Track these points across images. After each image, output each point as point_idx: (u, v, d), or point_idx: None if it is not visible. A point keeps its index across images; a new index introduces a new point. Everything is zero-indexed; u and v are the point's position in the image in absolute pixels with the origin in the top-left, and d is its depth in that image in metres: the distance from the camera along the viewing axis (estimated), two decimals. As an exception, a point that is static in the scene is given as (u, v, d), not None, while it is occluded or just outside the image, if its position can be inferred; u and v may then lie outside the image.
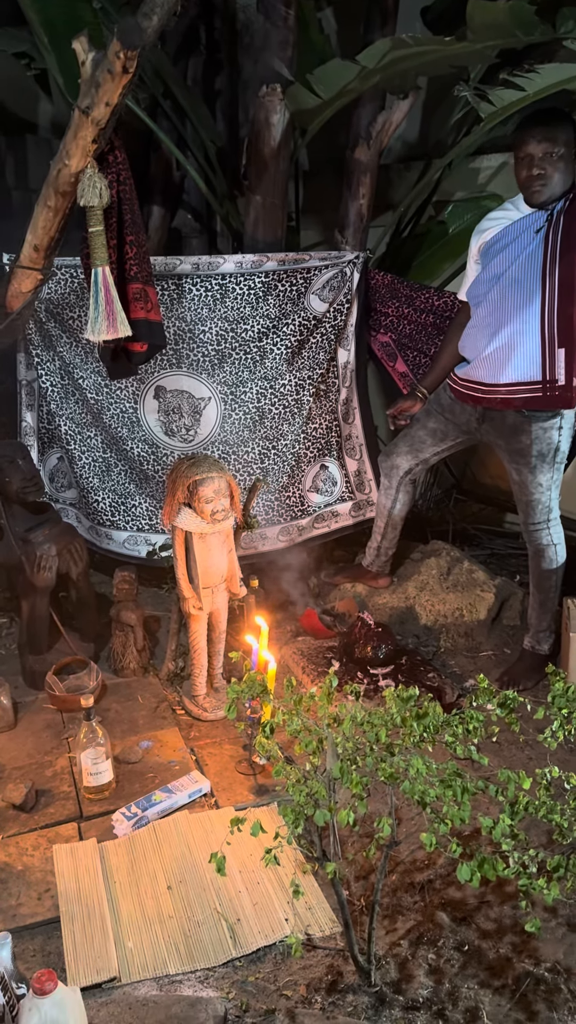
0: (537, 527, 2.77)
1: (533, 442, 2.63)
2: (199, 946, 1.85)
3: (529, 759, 2.44)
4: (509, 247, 2.53)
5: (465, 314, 2.79)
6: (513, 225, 2.54)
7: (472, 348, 2.68)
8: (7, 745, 2.58)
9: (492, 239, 2.59)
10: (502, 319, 2.55)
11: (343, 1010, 1.68)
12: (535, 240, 2.48)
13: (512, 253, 2.52)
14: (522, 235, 2.51)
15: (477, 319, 2.66)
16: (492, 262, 2.58)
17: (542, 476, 2.68)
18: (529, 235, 2.49)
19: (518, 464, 2.70)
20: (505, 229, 2.56)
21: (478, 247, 2.67)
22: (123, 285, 2.43)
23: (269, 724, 1.63)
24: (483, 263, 2.64)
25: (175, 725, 2.68)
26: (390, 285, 3.28)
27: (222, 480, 2.52)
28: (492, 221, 2.64)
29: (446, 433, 2.90)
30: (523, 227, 2.52)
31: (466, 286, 2.77)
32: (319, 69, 2.80)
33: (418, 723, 1.54)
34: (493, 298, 2.57)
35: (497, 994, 1.72)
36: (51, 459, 3.31)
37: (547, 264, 2.46)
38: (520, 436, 2.64)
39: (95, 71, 2.07)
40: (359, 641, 2.91)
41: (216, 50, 3.79)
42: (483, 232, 2.64)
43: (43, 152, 3.79)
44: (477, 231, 2.69)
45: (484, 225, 2.66)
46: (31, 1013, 1.46)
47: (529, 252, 2.49)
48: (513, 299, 2.52)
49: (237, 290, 3.05)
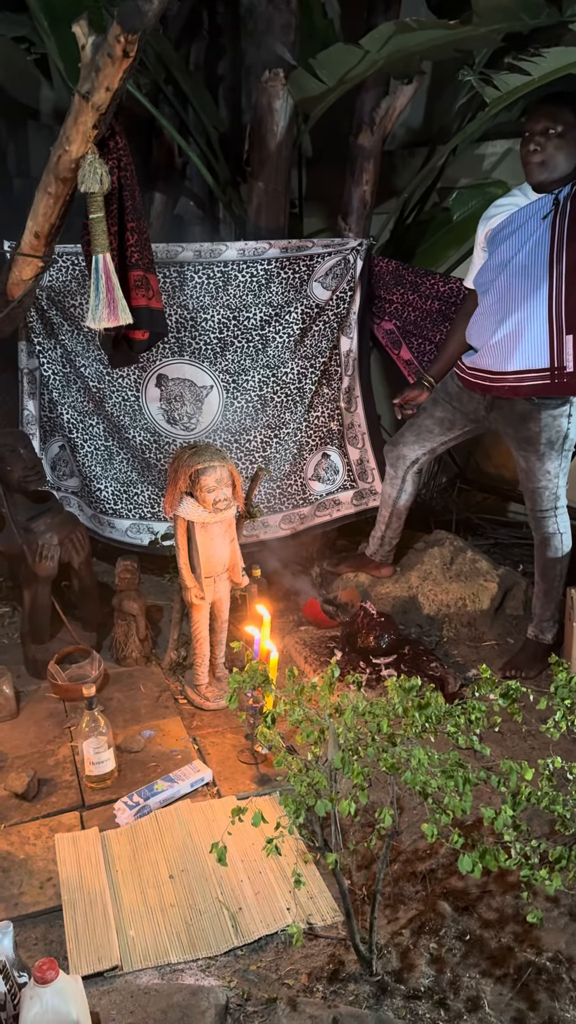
0: (544, 515, 2.75)
1: (542, 430, 2.61)
2: (201, 935, 1.85)
3: (532, 749, 2.43)
4: (516, 234, 2.51)
5: (472, 302, 2.77)
6: (520, 211, 2.52)
7: (479, 336, 2.65)
8: (9, 734, 2.58)
9: (499, 226, 2.57)
10: (509, 306, 2.52)
11: (344, 999, 1.68)
12: (542, 226, 2.46)
13: (519, 240, 2.50)
14: (528, 221, 2.49)
15: (484, 307, 2.63)
16: (499, 249, 2.55)
17: (550, 464, 2.67)
18: (536, 221, 2.47)
19: (526, 452, 2.68)
20: (512, 216, 2.53)
21: (485, 234, 2.64)
22: (124, 272, 2.41)
23: (271, 714, 1.63)
24: (490, 250, 2.61)
25: (177, 714, 2.68)
26: (394, 272, 3.25)
27: (224, 469, 2.51)
28: (499, 208, 2.61)
29: (453, 422, 2.88)
30: (529, 213, 2.49)
31: (473, 273, 2.74)
32: (322, 54, 2.78)
33: (420, 713, 1.53)
34: (500, 285, 2.55)
35: (499, 983, 1.72)
36: (53, 447, 3.30)
37: (554, 250, 2.44)
38: (529, 424, 2.62)
39: (95, 55, 2.05)
40: (361, 631, 2.91)
41: (219, 35, 3.76)
42: (490, 219, 2.62)
43: (44, 138, 3.76)
44: (484, 218, 2.66)
45: (491, 212, 2.64)
46: (32, 1002, 1.46)
47: (536, 239, 2.47)
48: (520, 286, 2.50)
49: (239, 278, 3.03)
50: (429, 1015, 1.65)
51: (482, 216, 2.68)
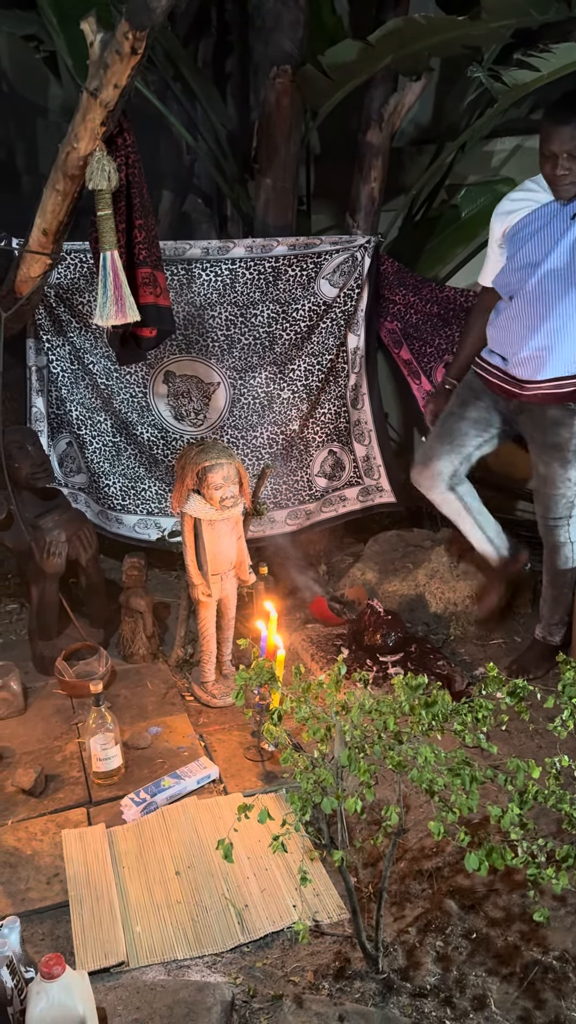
0: (557, 523, 2.68)
1: (573, 436, 2.53)
2: (207, 931, 1.85)
3: (539, 748, 2.43)
4: (541, 233, 2.40)
5: (490, 299, 2.66)
6: (542, 209, 2.41)
7: (508, 344, 2.53)
8: (17, 730, 2.59)
9: (520, 224, 2.46)
10: (541, 312, 2.42)
11: (350, 996, 1.68)
12: (572, 226, 2.35)
13: (547, 240, 2.39)
14: (554, 220, 2.38)
15: (512, 312, 2.50)
16: (523, 249, 2.44)
17: (573, 470, 2.59)
18: (563, 220, 2.36)
19: (551, 458, 2.58)
20: (534, 213, 2.43)
21: (503, 231, 2.53)
22: (132, 270, 2.41)
23: (277, 711, 1.63)
24: (510, 249, 2.50)
25: (184, 711, 2.69)
26: (397, 273, 3.25)
27: (231, 467, 2.51)
28: (516, 202, 2.49)
29: (489, 421, 2.71)
30: (554, 211, 2.39)
31: (490, 272, 2.63)
32: (330, 50, 2.77)
33: (427, 711, 1.53)
34: (530, 290, 2.43)
35: (505, 982, 1.72)
36: (60, 444, 3.31)
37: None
38: (560, 430, 2.53)
39: (103, 52, 2.05)
40: (368, 628, 2.91)
41: (227, 32, 3.76)
42: (508, 215, 2.50)
43: (52, 135, 3.76)
44: (500, 213, 2.54)
45: (507, 207, 2.52)
46: (39, 997, 1.46)
47: (568, 240, 2.36)
48: (552, 290, 2.39)
49: (247, 275, 3.03)
50: (435, 1013, 1.65)
51: (496, 211, 2.56)
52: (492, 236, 2.59)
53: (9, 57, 3.73)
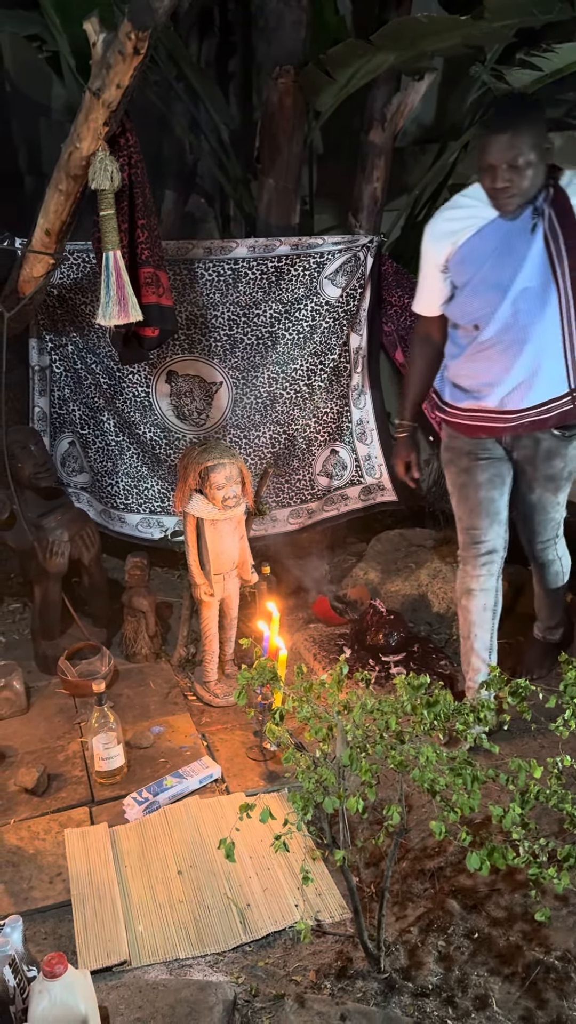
0: (546, 544, 2.57)
1: (567, 464, 2.39)
2: (209, 931, 1.86)
3: (541, 747, 2.43)
4: (502, 253, 2.17)
5: (430, 328, 2.44)
6: (492, 226, 2.17)
7: (485, 376, 2.29)
8: (20, 729, 2.59)
9: (469, 245, 2.20)
10: (520, 336, 2.21)
11: (352, 996, 1.68)
12: (533, 240, 2.14)
13: (511, 260, 2.16)
14: (512, 237, 2.15)
15: (484, 341, 2.25)
16: (481, 272, 2.20)
17: (562, 495, 2.47)
18: (522, 235, 2.14)
19: (544, 488, 2.43)
20: (483, 231, 2.18)
21: (446, 256, 2.26)
22: (135, 269, 2.41)
23: (279, 711, 1.63)
24: (463, 274, 2.24)
25: (186, 711, 2.69)
26: (395, 275, 3.25)
27: (233, 466, 2.51)
28: (458, 222, 2.23)
29: (501, 474, 2.45)
30: (507, 227, 2.16)
31: (431, 300, 2.38)
32: (333, 50, 2.77)
33: (429, 711, 1.53)
34: (504, 315, 2.20)
35: (507, 982, 1.72)
36: (63, 444, 3.31)
37: (553, 262, 2.15)
38: (554, 460, 2.38)
39: (106, 52, 2.05)
40: (371, 628, 2.91)
41: (230, 32, 3.75)
42: (451, 236, 2.23)
43: (55, 135, 3.76)
44: (439, 235, 2.26)
45: (447, 227, 2.25)
46: (41, 995, 1.47)
47: (534, 254, 2.15)
48: (528, 312, 2.19)
49: (250, 274, 3.03)
50: (437, 1013, 1.65)
51: (432, 233, 2.29)
52: (430, 261, 2.32)
53: (12, 57, 3.73)
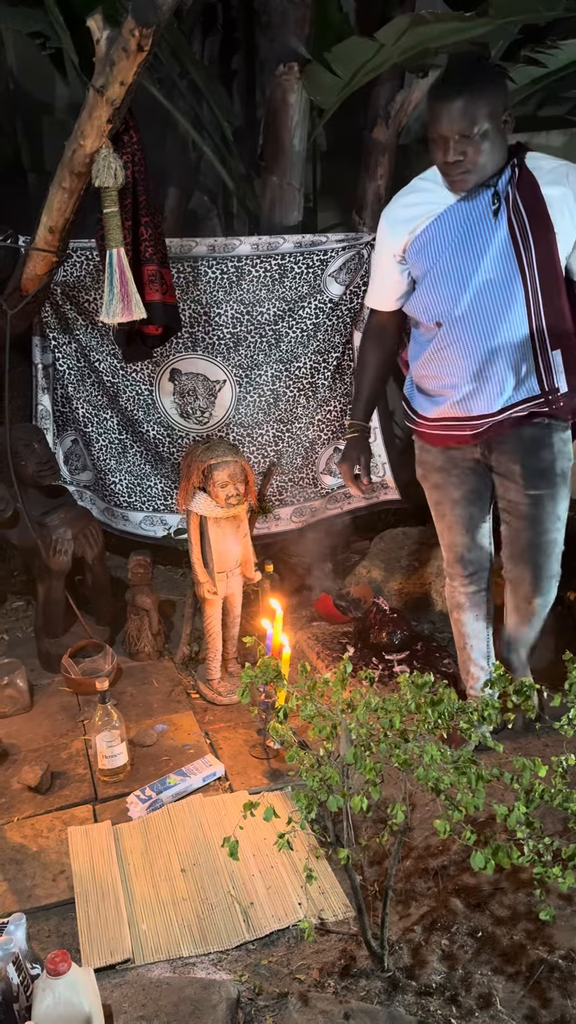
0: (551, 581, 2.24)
1: (556, 457, 2.13)
2: (212, 929, 1.86)
3: (545, 746, 2.42)
4: (463, 241, 1.98)
5: (384, 322, 2.28)
6: (451, 212, 1.98)
7: (446, 378, 2.11)
8: (23, 727, 2.59)
9: (427, 234, 2.01)
10: (482, 332, 2.02)
11: (356, 994, 1.68)
12: (498, 227, 1.94)
13: (472, 248, 1.97)
14: (474, 222, 1.96)
15: (444, 339, 2.07)
16: (439, 263, 2.02)
17: (562, 504, 2.16)
18: (484, 221, 1.95)
19: (538, 490, 2.14)
20: (441, 218, 1.99)
21: (403, 245, 2.08)
22: (138, 267, 2.41)
23: (283, 709, 1.63)
24: (421, 265, 2.06)
25: (190, 709, 2.69)
26: None
27: (237, 465, 2.51)
28: (414, 208, 2.04)
29: (477, 488, 2.27)
30: (467, 211, 1.97)
31: (386, 294, 2.22)
32: (337, 47, 2.77)
33: (433, 709, 1.52)
34: (464, 310, 2.01)
35: (511, 981, 1.71)
36: (66, 442, 3.31)
37: (521, 252, 1.96)
38: (541, 451, 2.13)
39: (110, 50, 2.05)
40: (374, 627, 2.90)
41: (233, 29, 3.75)
42: (407, 224, 2.05)
43: (58, 133, 3.76)
44: (395, 222, 2.09)
45: (403, 214, 2.07)
46: (45, 993, 1.46)
47: (498, 243, 1.95)
48: (493, 305, 2.00)
49: (253, 272, 3.02)
50: (441, 1012, 1.64)
51: (387, 220, 2.11)
52: (386, 250, 2.14)
53: (15, 54, 3.73)
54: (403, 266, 2.12)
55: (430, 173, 2.03)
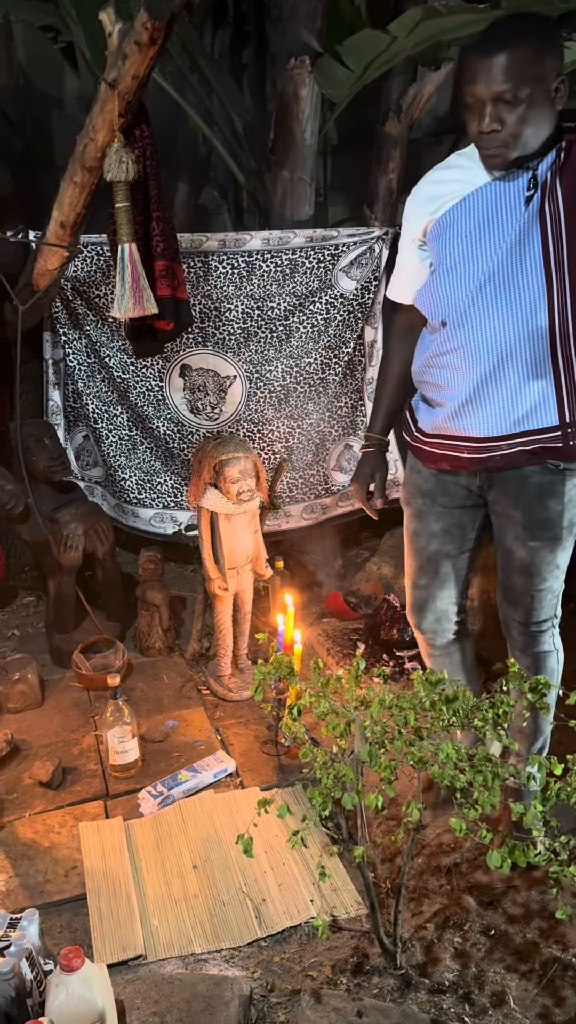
0: (541, 627, 1.95)
1: (566, 507, 1.82)
2: (224, 925, 1.85)
3: (559, 744, 2.41)
4: (482, 227, 1.69)
5: (409, 319, 1.98)
6: (480, 193, 1.69)
7: (446, 386, 1.81)
8: (34, 723, 2.59)
9: (449, 216, 1.73)
10: (494, 340, 1.71)
11: (369, 992, 1.68)
12: (524, 215, 1.65)
13: (489, 236, 1.68)
14: (499, 207, 1.67)
15: (444, 342, 1.78)
16: (455, 250, 1.72)
17: (562, 554, 1.89)
18: (512, 207, 1.66)
19: (537, 540, 1.85)
20: (468, 200, 1.70)
21: (424, 226, 1.80)
22: (149, 262, 2.40)
23: (296, 706, 1.62)
24: (438, 252, 1.78)
25: (200, 705, 2.69)
26: None
27: (248, 460, 2.50)
28: (443, 185, 1.76)
29: (461, 524, 1.99)
30: (496, 195, 1.67)
31: (406, 284, 1.94)
32: (349, 40, 2.75)
33: (447, 707, 1.52)
34: (475, 311, 1.72)
35: (524, 979, 1.71)
36: (77, 438, 3.31)
37: (550, 249, 1.65)
38: (548, 502, 1.82)
39: (122, 43, 2.03)
40: (385, 623, 2.89)
41: (243, 22, 3.73)
42: (431, 203, 1.77)
43: (69, 127, 3.75)
44: (420, 200, 1.81)
45: (430, 191, 1.79)
46: (59, 989, 1.47)
47: (518, 233, 1.66)
48: (504, 308, 1.70)
49: (264, 267, 3.01)
50: (454, 1009, 1.64)
51: (413, 198, 1.84)
52: (407, 233, 1.87)
53: (25, 49, 3.72)
54: (424, 252, 1.85)
55: (469, 150, 1.74)
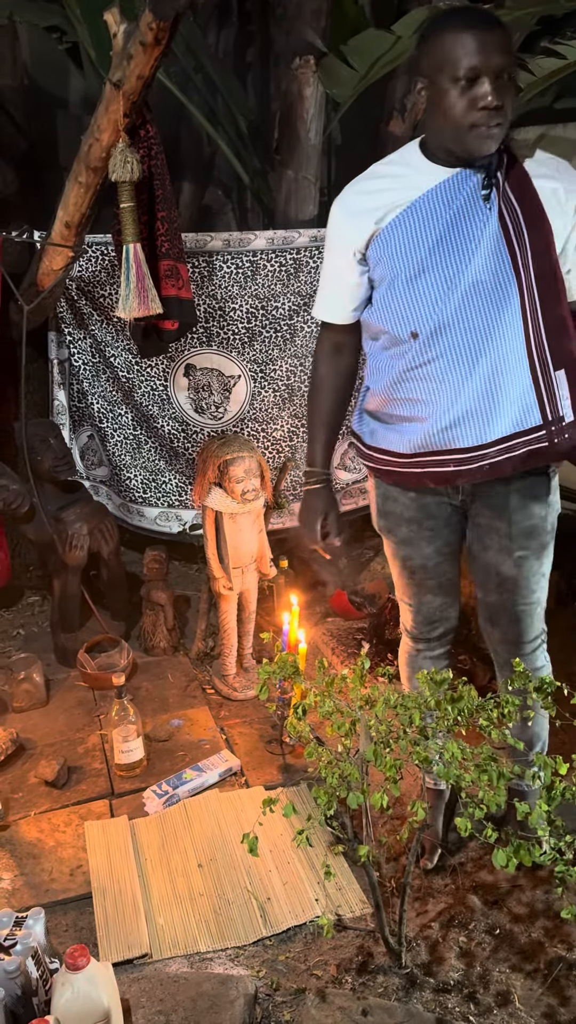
0: (534, 645, 1.91)
1: (548, 511, 1.80)
2: (229, 924, 1.86)
3: (563, 744, 2.41)
4: (447, 233, 1.62)
5: (345, 341, 1.90)
6: (430, 198, 1.62)
7: (428, 401, 1.72)
8: (39, 722, 2.60)
9: (399, 224, 1.65)
10: (474, 347, 1.66)
11: (373, 991, 1.68)
12: (489, 218, 1.61)
13: (458, 241, 1.62)
14: (460, 212, 1.61)
15: (421, 353, 1.69)
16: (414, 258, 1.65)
17: (547, 563, 1.84)
18: (471, 208, 1.61)
19: (524, 550, 1.80)
20: (417, 207, 1.63)
21: (367, 237, 1.69)
22: (154, 262, 2.40)
23: (301, 705, 1.62)
24: (390, 262, 1.68)
25: (205, 704, 2.69)
26: None
27: (252, 460, 2.51)
28: (377, 195, 1.68)
29: (451, 541, 1.92)
30: (450, 199, 1.61)
31: (344, 300, 1.82)
32: (353, 40, 2.75)
33: (452, 707, 1.52)
34: (452, 318, 1.65)
35: (529, 978, 1.71)
36: (82, 437, 3.31)
37: (514, 248, 1.62)
38: (533, 507, 1.78)
39: (127, 43, 2.04)
40: (389, 623, 2.89)
41: (248, 22, 3.73)
42: (373, 213, 1.67)
43: (74, 128, 3.75)
44: (356, 212, 1.70)
45: (364, 203, 1.69)
46: (64, 988, 1.47)
47: (483, 234, 1.61)
48: (484, 311, 1.64)
49: (268, 267, 3.01)
50: (459, 1009, 1.64)
51: (344, 209, 1.74)
52: (343, 248, 1.75)
53: (30, 49, 3.72)
54: (363, 267, 1.75)
55: (395, 157, 1.73)
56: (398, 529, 1.93)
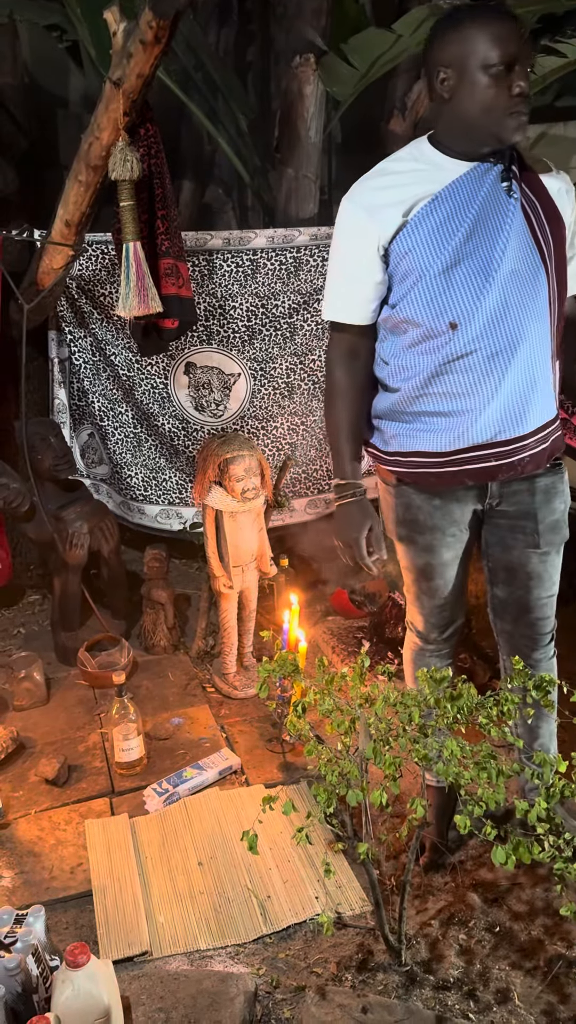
0: (552, 635, 1.93)
1: (566, 504, 1.83)
2: (230, 922, 1.86)
3: (563, 742, 2.41)
4: (478, 223, 1.61)
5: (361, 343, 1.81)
6: (455, 187, 1.61)
7: (468, 394, 1.68)
8: (40, 720, 2.60)
9: (424, 215, 1.62)
10: (513, 337, 1.64)
11: (373, 988, 1.68)
12: (513, 208, 1.62)
13: (490, 231, 1.61)
14: (485, 202, 1.61)
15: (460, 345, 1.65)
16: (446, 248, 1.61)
17: (560, 556, 1.87)
18: (496, 198, 1.61)
19: (549, 545, 1.81)
20: (442, 196, 1.61)
21: (392, 232, 1.65)
22: (154, 261, 2.40)
23: (301, 703, 1.63)
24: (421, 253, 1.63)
25: (205, 703, 2.69)
26: None
27: (253, 458, 2.51)
28: (395, 189, 1.66)
29: (468, 549, 1.92)
30: (473, 190, 1.61)
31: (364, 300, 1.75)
32: (354, 39, 2.75)
33: (452, 704, 1.52)
34: (491, 308, 1.62)
35: (529, 976, 1.71)
36: (82, 435, 3.32)
37: (539, 239, 1.64)
38: (555, 501, 1.80)
39: (127, 42, 2.04)
40: (390, 621, 2.90)
41: (248, 20, 3.73)
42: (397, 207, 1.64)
43: (74, 126, 3.75)
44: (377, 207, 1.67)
45: (385, 197, 1.66)
46: (65, 985, 1.47)
47: (516, 227, 1.62)
48: (520, 301, 1.64)
49: (268, 265, 3.01)
50: (458, 1006, 1.64)
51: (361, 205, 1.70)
52: (366, 244, 1.69)
53: (30, 48, 3.72)
54: (383, 265, 1.70)
55: (404, 153, 1.72)
56: (420, 537, 1.87)
